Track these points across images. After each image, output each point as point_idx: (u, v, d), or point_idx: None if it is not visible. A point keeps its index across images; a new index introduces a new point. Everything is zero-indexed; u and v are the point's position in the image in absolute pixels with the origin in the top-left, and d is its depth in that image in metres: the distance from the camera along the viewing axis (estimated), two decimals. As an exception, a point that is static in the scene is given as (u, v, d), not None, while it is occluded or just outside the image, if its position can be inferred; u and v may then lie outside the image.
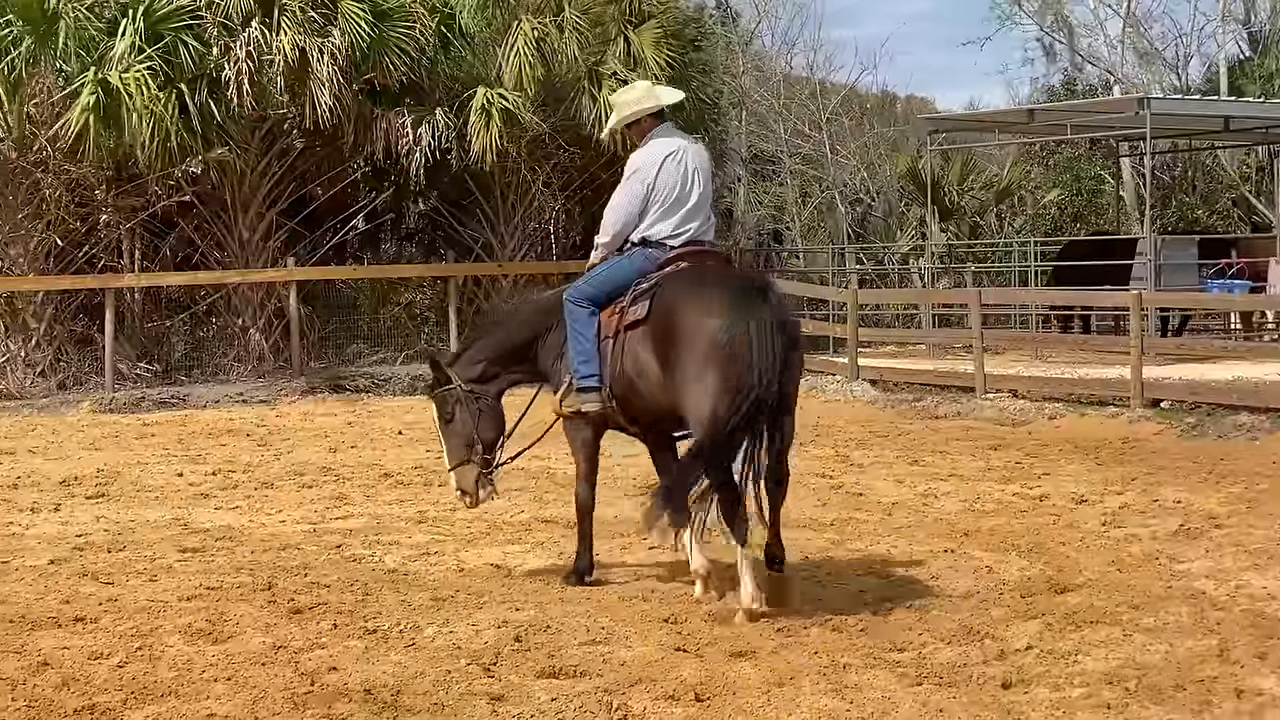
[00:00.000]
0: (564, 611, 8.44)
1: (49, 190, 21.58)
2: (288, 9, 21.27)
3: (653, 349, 8.48)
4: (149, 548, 10.57)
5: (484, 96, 22.34)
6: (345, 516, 11.87)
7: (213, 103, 21.20)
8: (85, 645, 7.76)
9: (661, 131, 9.35)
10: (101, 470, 14.22)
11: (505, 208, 24.45)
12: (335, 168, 24.15)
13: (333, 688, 7.02)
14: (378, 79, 22.58)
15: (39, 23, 20.11)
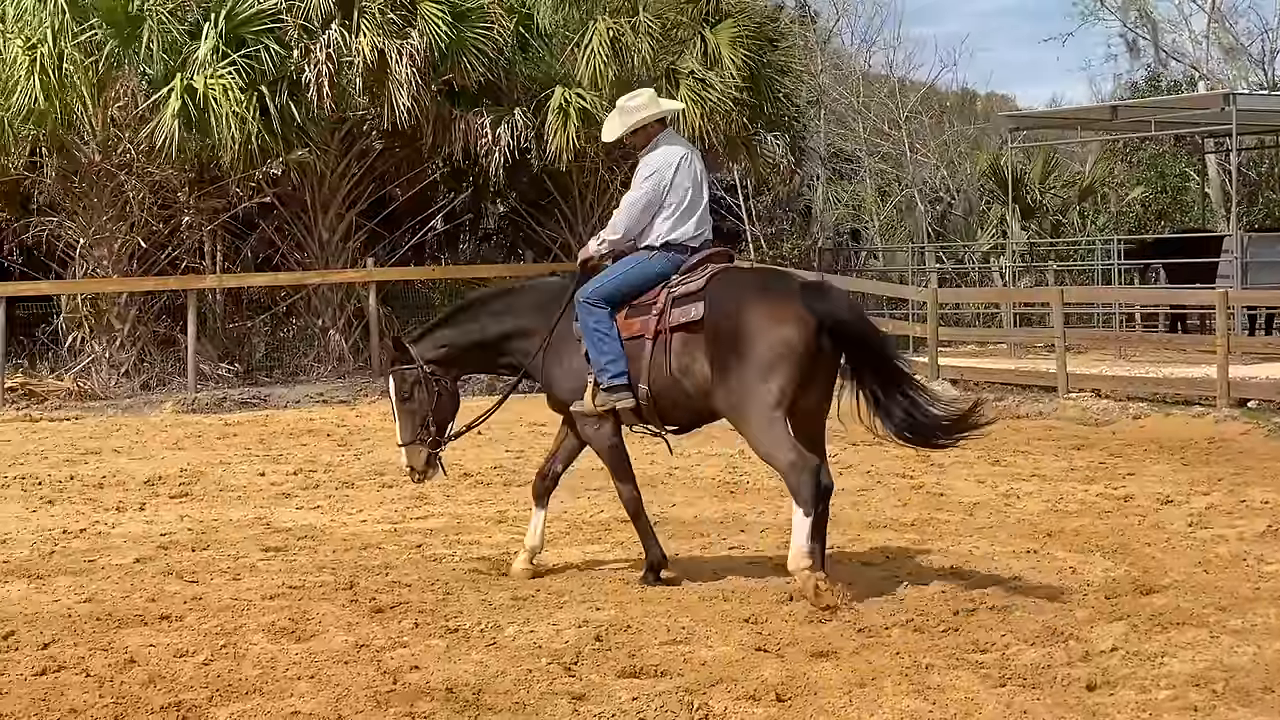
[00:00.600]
0: (644, 611, 8.43)
1: (132, 192, 21.79)
2: (367, 11, 21.39)
3: (708, 349, 8.71)
4: (232, 547, 10.65)
5: (561, 96, 22.38)
6: (425, 516, 11.91)
7: (293, 105, 21.34)
8: (171, 643, 7.83)
9: (667, 137, 9.54)
10: (185, 470, 14.34)
11: (583, 207, 24.49)
12: (414, 168, 24.26)
13: (415, 686, 7.04)
14: (456, 80, 22.66)
15: (123, 26, 20.31)
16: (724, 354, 8.57)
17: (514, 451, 15.31)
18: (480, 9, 22.30)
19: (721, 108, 22.95)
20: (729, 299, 8.70)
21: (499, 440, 16.21)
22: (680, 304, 8.89)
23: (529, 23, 23.46)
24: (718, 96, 22.87)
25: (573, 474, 13.64)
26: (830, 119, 35.67)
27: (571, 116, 22.29)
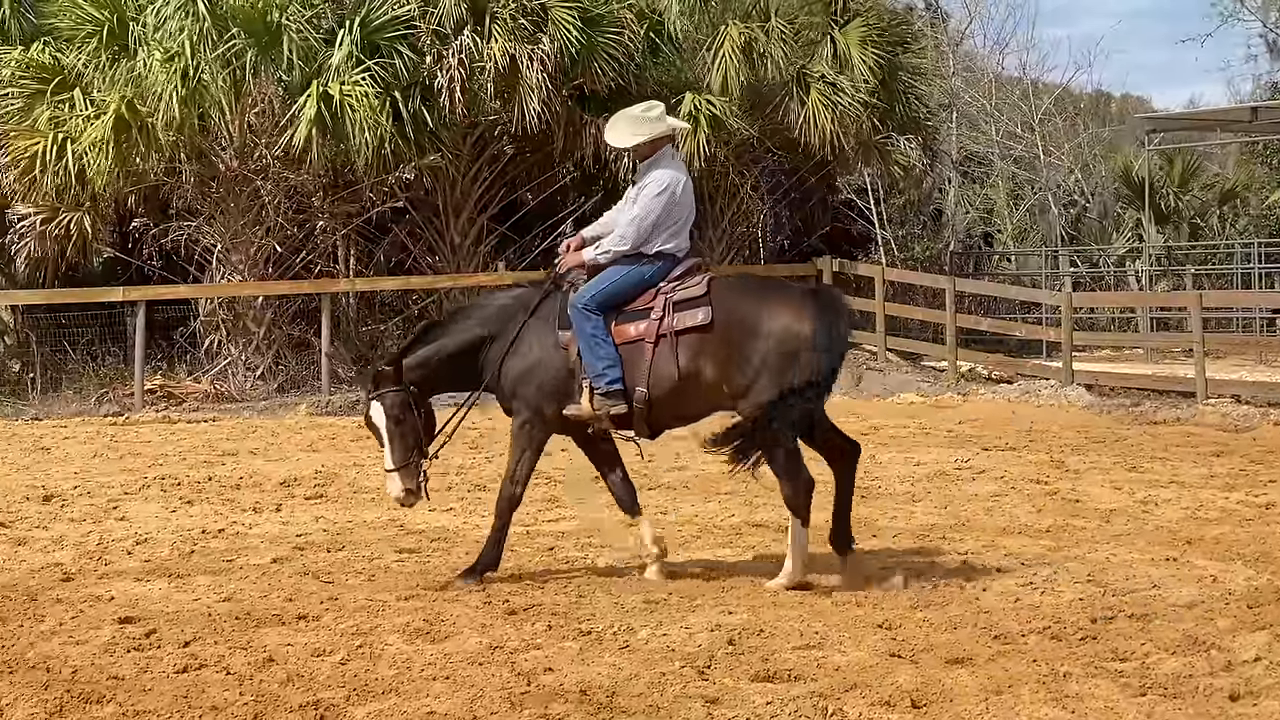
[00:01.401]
0: (777, 615, 8.39)
1: (268, 197, 22.08)
2: (499, 17, 21.52)
3: (716, 351, 9.10)
4: (367, 548, 10.76)
5: (691, 102, 22.37)
6: (557, 519, 11.95)
7: (426, 110, 21.52)
8: (308, 642, 7.91)
9: (669, 154, 9.67)
10: (319, 471, 14.50)
11: (713, 212, 24.45)
12: (544, 173, 24.38)
13: (549, 688, 7.06)
14: (586, 84, 22.73)
15: (261, 35, 20.59)
16: (736, 354, 9.03)
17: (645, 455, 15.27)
18: (611, 14, 22.36)
19: (852, 111, 22.84)
20: (738, 302, 9.15)
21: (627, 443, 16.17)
22: (683, 309, 9.21)
23: (659, 28, 23.47)
24: (848, 100, 22.76)
25: (702, 477, 13.69)
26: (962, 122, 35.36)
27: (702, 122, 22.28)
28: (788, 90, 23.10)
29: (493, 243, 23.92)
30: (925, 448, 15.72)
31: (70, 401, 20.52)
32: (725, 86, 22.53)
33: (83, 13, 20.68)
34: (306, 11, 20.87)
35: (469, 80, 21.47)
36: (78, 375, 21.41)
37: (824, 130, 22.62)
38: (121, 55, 20.63)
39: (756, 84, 23.19)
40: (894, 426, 17.43)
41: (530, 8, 21.73)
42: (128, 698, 6.98)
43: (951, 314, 22.49)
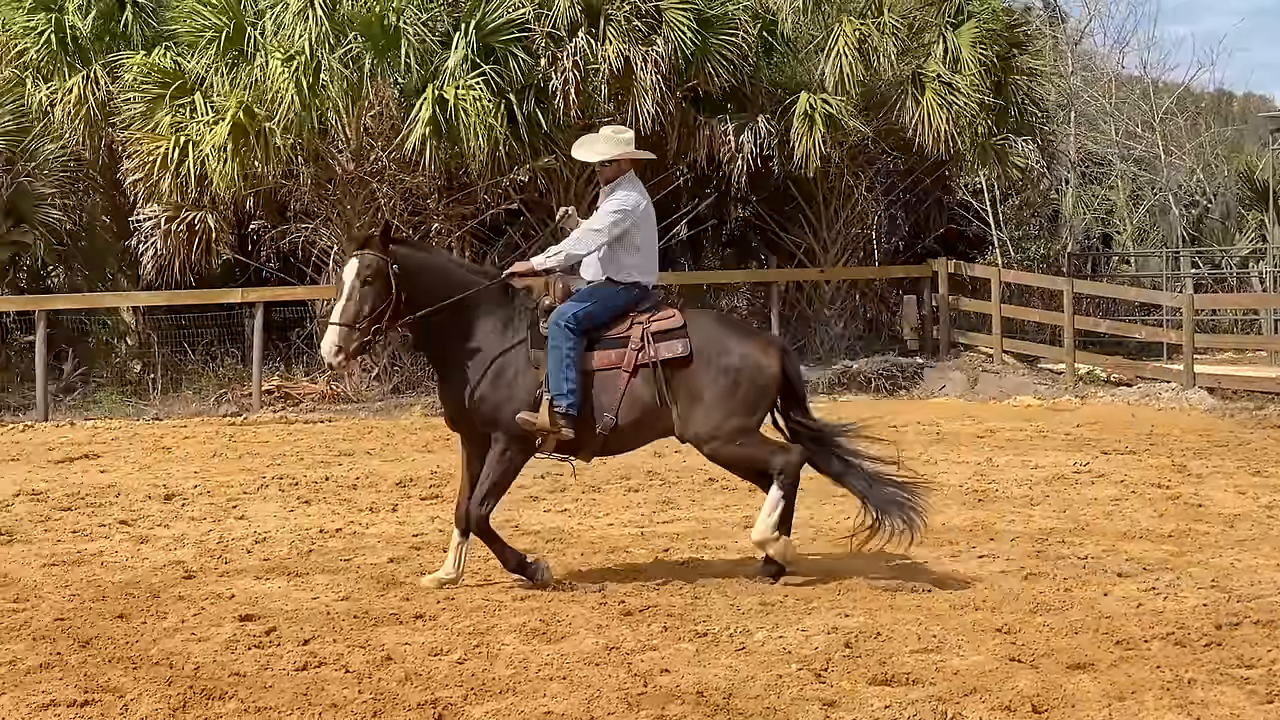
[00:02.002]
0: (894, 619, 8.35)
1: (384, 200, 22.25)
2: (613, 19, 21.54)
3: (692, 382, 9.39)
4: (482, 548, 10.77)
5: (806, 102, 22.28)
6: (671, 520, 11.93)
7: (540, 112, 21.57)
8: (425, 641, 7.97)
9: (633, 178, 9.87)
10: (434, 472, 14.58)
11: (827, 213, 24.34)
12: (658, 175, 24.34)
13: (665, 689, 7.06)
14: (700, 86, 22.69)
15: (378, 38, 20.74)
16: (708, 389, 9.38)
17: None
18: (725, 15, 22.29)
19: (967, 112, 22.66)
20: (715, 337, 9.53)
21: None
22: (662, 339, 9.43)
23: (773, 28, 23.38)
24: (964, 100, 22.58)
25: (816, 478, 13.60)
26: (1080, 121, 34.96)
27: (817, 122, 22.17)
28: (902, 90, 22.93)
29: (606, 245, 23.94)
30: (1043, 451, 15.55)
31: (190, 402, 20.78)
32: (840, 85, 22.41)
33: (202, 18, 20.93)
34: (423, 15, 20.98)
35: (583, 82, 21.49)
36: (197, 376, 21.68)
37: (939, 130, 22.44)
38: (240, 60, 20.87)
39: (871, 84, 23.05)
40: (1010, 429, 17.26)
41: (645, 9, 21.72)
42: (249, 694, 7.06)
43: (1070, 315, 22.24)
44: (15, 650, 7.91)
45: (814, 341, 23.75)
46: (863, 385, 21.82)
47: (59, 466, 15.39)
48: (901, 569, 9.82)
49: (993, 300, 23.27)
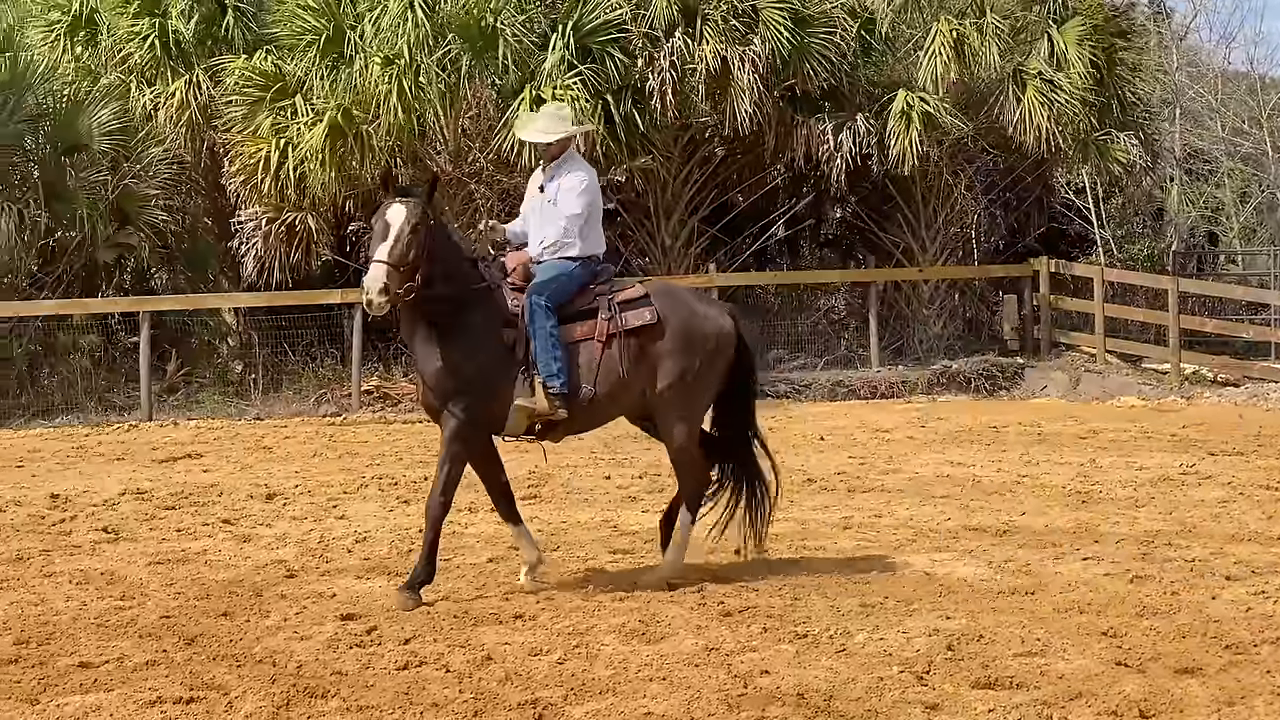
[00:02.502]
0: (996, 621, 8.26)
1: (482, 201, 22.33)
2: (710, 19, 21.51)
3: (662, 349, 9.49)
4: (581, 548, 10.81)
5: (904, 100, 22.15)
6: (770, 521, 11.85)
7: (637, 112, 21.58)
8: (525, 641, 7.98)
9: (575, 154, 9.97)
10: (533, 473, 14.58)
11: (926, 212, 24.18)
12: (755, 174, 24.33)
13: (765, 691, 7.03)
14: (798, 85, 22.61)
15: (476, 40, 20.83)
16: (676, 354, 9.49)
17: (857, 457, 15.20)
18: (823, 13, 22.20)
19: (1069, 109, 22.44)
20: (679, 304, 9.68)
21: (841, 446, 16.12)
22: (628, 309, 9.52)
23: (871, 26, 23.26)
24: (1065, 98, 22.36)
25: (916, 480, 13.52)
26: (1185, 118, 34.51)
27: (915, 121, 22.04)
28: (1002, 88, 22.75)
29: (704, 244, 23.92)
30: (1148, 452, 15.35)
31: (290, 402, 20.94)
32: (938, 83, 22.26)
33: (303, 21, 21.10)
34: (520, 16, 21.05)
35: (680, 82, 21.48)
36: (297, 376, 21.84)
37: (1040, 128, 22.24)
38: (339, 62, 21.01)
39: (970, 82, 22.88)
40: (1114, 430, 17.06)
41: (741, 9, 21.68)
42: (351, 693, 7.10)
43: (1174, 315, 21.96)
44: (122, 647, 8.00)
45: (912, 341, 23.60)
46: (962, 385, 21.67)
47: (163, 466, 15.57)
48: (1005, 570, 9.72)
49: (1095, 299, 23.02)
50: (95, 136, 21.17)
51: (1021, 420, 17.98)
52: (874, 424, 17.84)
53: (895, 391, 21.44)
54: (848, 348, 23.84)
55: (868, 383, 21.67)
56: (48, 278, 21.54)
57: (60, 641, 8.16)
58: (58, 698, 7.11)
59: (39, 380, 20.82)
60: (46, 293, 21.34)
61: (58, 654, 7.89)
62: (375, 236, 8.96)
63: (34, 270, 21.52)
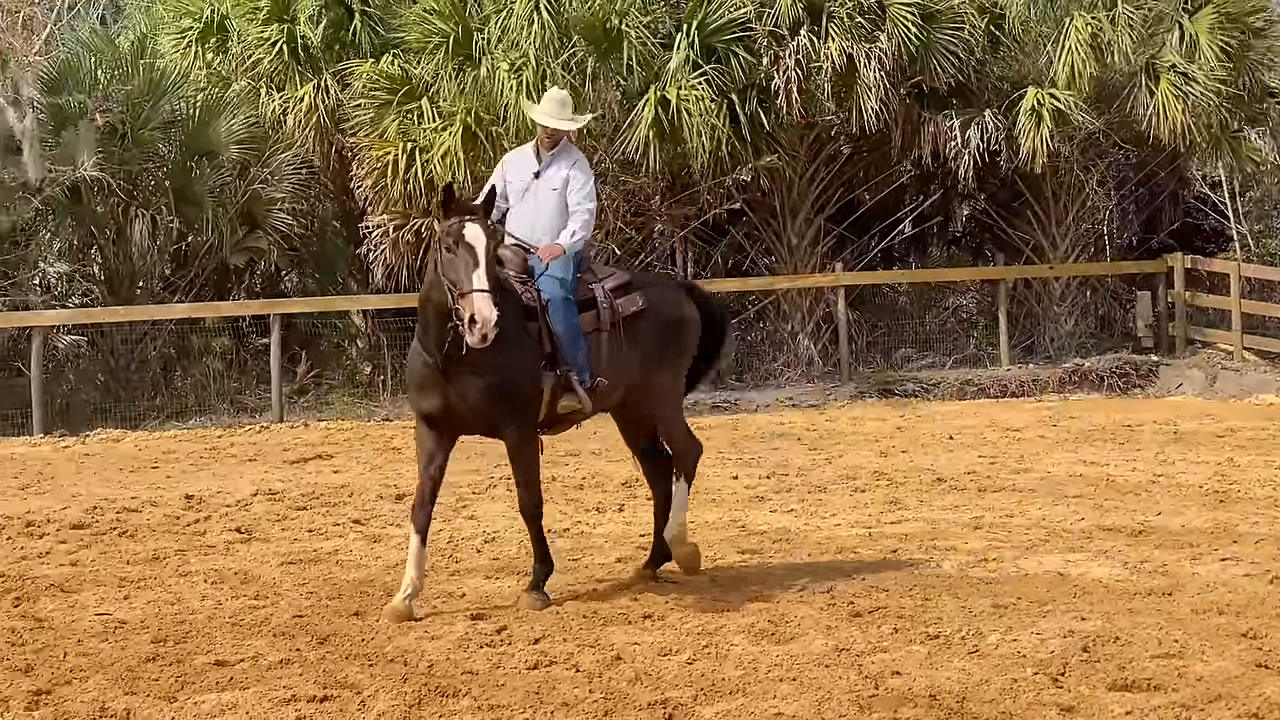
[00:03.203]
0: (1132, 623, 8.14)
1: (606, 201, 22.34)
2: (835, 16, 21.38)
3: (649, 334, 9.58)
4: (709, 548, 10.77)
5: (1034, 96, 21.88)
6: (900, 521, 11.78)
7: (762, 111, 21.51)
8: (654, 641, 7.97)
9: (568, 142, 10.00)
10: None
11: (1057, 208, 23.86)
12: (882, 172, 24.15)
13: (897, 692, 6.97)
14: (925, 82, 22.42)
15: (600, 42, 20.88)
16: (660, 339, 9.63)
17: (987, 457, 15.04)
18: (951, 9, 21.98)
19: (1204, 102, 22.04)
20: (657, 290, 9.89)
21: (971, 445, 15.96)
22: (620, 295, 9.55)
23: (1000, 21, 22.98)
24: (1200, 90, 21.97)
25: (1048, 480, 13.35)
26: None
27: (1045, 117, 21.76)
28: (1135, 82, 22.40)
29: (830, 243, 23.79)
30: (1286, 450, 15.05)
31: (419, 403, 21.12)
32: (1070, 80, 21.97)
33: (430, 25, 21.25)
34: (645, 17, 21.06)
35: (805, 81, 21.37)
36: (426, 378, 22.01)
37: (1174, 122, 21.85)
38: (467, 65, 21.13)
39: (1102, 76, 22.56)
40: (1252, 429, 16.74)
41: (867, 5, 21.51)
42: (482, 692, 7.13)
43: (1313, 311, 21.55)
44: (257, 646, 8.09)
45: (1043, 339, 23.32)
46: (1095, 384, 21.38)
47: (294, 467, 15.75)
48: (1141, 571, 9.57)
49: (1232, 295, 22.62)
50: (225, 143, 21.44)
51: (1156, 419, 17.70)
52: (1004, 423, 17.64)
53: (1026, 390, 21.20)
54: (977, 346, 23.62)
55: (998, 381, 21.45)
56: (180, 281, 21.86)
57: (196, 640, 8.28)
58: (194, 695, 7.21)
59: (173, 382, 21.15)
60: (179, 296, 21.65)
61: (194, 652, 8.00)
62: (461, 262, 8.60)
63: (167, 274, 21.85)
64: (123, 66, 21.65)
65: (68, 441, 17.98)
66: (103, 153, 20.11)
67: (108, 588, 9.73)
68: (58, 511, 12.65)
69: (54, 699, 7.20)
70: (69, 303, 21.66)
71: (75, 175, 19.90)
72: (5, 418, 18.97)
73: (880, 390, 21.41)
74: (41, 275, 21.38)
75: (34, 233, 21.37)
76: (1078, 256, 24.01)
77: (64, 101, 20.59)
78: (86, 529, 11.90)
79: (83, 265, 21.95)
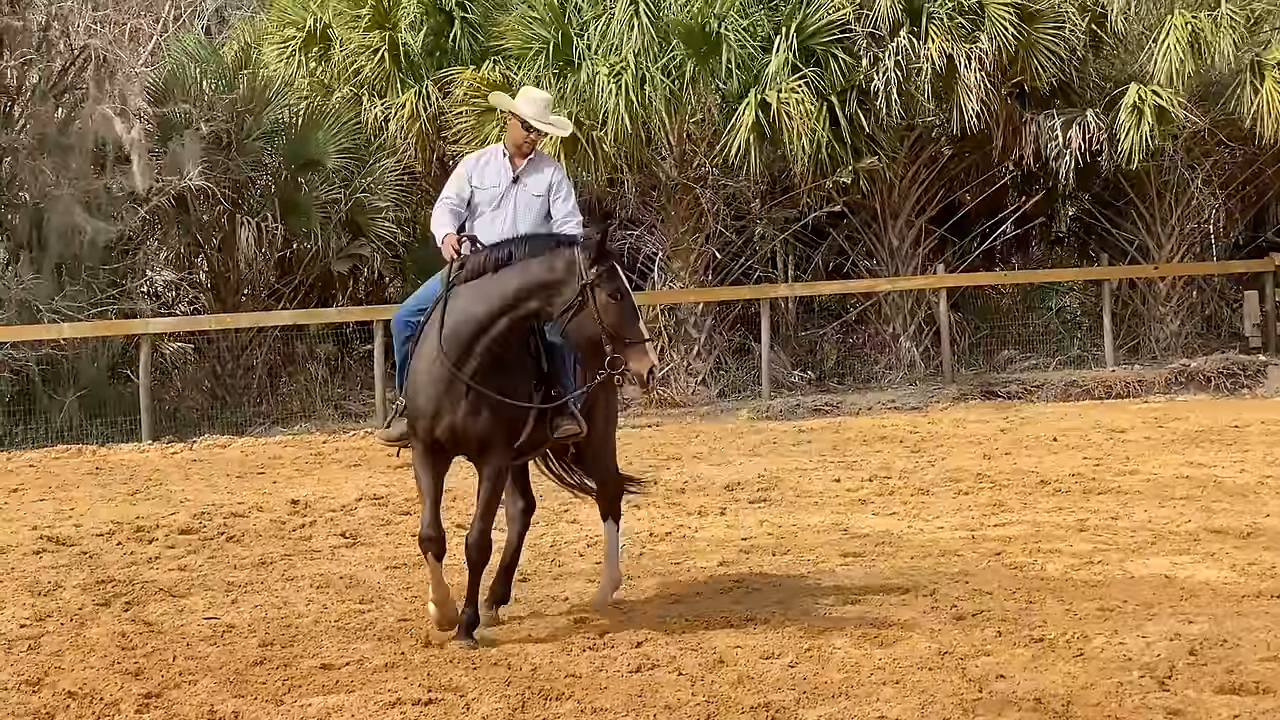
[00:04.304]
0: (1241, 625, 8.06)
1: (707, 205, 22.39)
2: (935, 17, 21.29)
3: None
4: (811, 551, 10.76)
5: (1135, 95, 21.67)
6: (1003, 523, 11.71)
7: (862, 113, 21.45)
8: (757, 644, 7.97)
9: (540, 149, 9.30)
10: (762, 475, 14.58)
11: (1161, 208, 23.62)
12: (983, 173, 24.00)
13: (1001, 695, 6.93)
14: (1026, 82, 22.28)
15: (699, 45, 20.89)
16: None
17: (1091, 459, 14.90)
18: (1051, 8, 21.83)
19: (1311, 99, 21.72)
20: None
21: (1075, 447, 15.83)
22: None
23: (1102, 20, 22.78)
24: (1307, 87, 21.64)
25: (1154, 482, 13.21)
26: None
27: (1146, 115, 21.54)
28: (1240, 79, 22.12)
29: (931, 244, 23.68)
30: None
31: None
32: (1172, 78, 21.73)
33: (530, 30, 21.35)
34: (743, 20, 21.06)
35: (905, 82, 21.30)
36: (527, 382, 22.12)
37: (1278, 119, 21.57)
38: (567, 70, 21.21)
39: (1205, 74, 22.30)
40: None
41: (967, 6, 21.40)
42: (585, 695, 7.16)
43: None
44: (362, 649, 8.18)
45: (1148, 339, 23.10)
46: (1201, 384, 21.14)
47: (398, 472, 15.84)
48: (1249, 573, 9.46)
49: (1340, 294, 22.31)
50: (328, 150, 21.64)
51: (1265, 419, 17.47)
52: (1109, 424, 17.48)
53: (1131, 391, 21.00)
54: (1081, 347, 23.43)
55: (1102, 382, 21.26)
56: (285, 288, 22.08)
57: (303, 644, 8.38)
58: (301, 698, 7.30)
59: (278, 389, 21.40)
60: (284, 303, 21.88)
61: (301, 655, 8.10)
62: (626, 309, 8.19)
63: (272, 281, 22.08)
64: (227, 76, 21.94)
65: (175, 448, 18.22)
66: (208, 162, 20.35)
67: (215, 592, 9.86)
68: (166, 517, 12.82)
69: (163, 702, 7.31)
70: (176, 310, 21.99)
71: (181, 184, 20.15)
72: (115, 424, 19.25)
73: (983, 392, 21.28)
74: (149, 283, 21.74)
75: (141, 242, 21.68)
76: (1183, 256, 23.75)
77: (170, 111, 20.86)
78: (194, 534, 12.07)
79: (189, 273, 22.24)
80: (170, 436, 18.95)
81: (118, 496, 14.30)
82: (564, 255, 8.27)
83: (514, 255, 8.37)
